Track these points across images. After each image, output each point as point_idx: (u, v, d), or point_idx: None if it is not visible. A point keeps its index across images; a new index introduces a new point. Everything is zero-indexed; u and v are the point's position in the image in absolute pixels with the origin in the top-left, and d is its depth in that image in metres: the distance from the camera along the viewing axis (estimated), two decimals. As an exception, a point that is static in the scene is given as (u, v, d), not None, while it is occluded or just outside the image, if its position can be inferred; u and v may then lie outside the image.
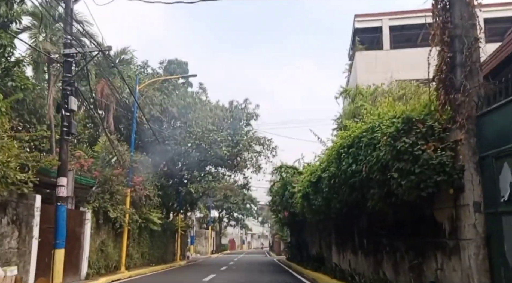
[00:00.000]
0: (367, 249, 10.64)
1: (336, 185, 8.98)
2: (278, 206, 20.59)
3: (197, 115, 21.17)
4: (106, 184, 15.72)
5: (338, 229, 13.93)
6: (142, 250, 20.81)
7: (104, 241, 15.88)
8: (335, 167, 8.74)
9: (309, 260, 18.86)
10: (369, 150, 7.22)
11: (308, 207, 13.17)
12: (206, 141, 22.85)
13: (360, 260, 11.26)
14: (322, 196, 10.89)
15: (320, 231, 17.44)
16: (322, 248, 17.34)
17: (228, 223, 62.19)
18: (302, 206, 14.56)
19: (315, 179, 11.12)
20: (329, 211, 11.08)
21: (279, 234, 46.17)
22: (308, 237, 21.10)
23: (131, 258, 18.83)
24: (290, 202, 17.93)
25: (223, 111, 24.36)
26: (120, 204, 16.31)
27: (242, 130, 24.41)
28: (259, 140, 25.60)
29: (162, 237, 25.21)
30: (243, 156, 25.53)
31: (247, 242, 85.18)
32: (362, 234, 11.08)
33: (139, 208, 19.24)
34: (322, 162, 9.93)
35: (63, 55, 11.06)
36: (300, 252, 22.54)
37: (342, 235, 13.42)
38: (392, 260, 8.87)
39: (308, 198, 12.67)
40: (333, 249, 15.08)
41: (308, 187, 12.08)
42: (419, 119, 6.21)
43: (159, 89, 21.51)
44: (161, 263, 24.40)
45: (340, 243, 13.94)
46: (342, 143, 8.49)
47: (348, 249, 12.65)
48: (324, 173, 9.60)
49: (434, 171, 5.97)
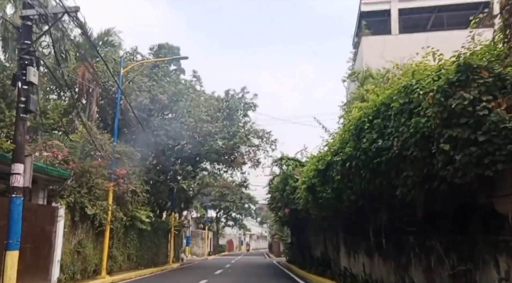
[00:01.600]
0: (387, 251, 8.80)
1: (352, 171, 7.14)
2: (278, 203, 18.71)
3: (189, 103, 19.30)
4: (84, 177, 13.86)
5: (348, 227, 12.08)
6: (128, 252, 18.93)
7: (82, 241, 14.01)
8: (352, 146, 6.89)
9: (312, 262, 17.00)
10: (403, 118, 5.39)
11: (314, 201, 11.33)
12: (199, 133, 21.01)
13: (378, 264, 9.42)
14: (331, 187, 9.06)
15: (325, 230, 15.59)
16: (327, 249, 15.50)
17: (226, 223, 60.22)
18: (306, 201, 12.72)
19: (324, 167, 9.30)
20: (340, 205, 9.26)
21: (278, 234, 44.28)
22: (311, 237, 19.25)
23: (115, 260, 16.95)
24: (292, 198, 16.09)
25: (219, 101, 22.51)
26: (100, 200, 14.45)
27: (239, 121, 22.56)
28: (257, 133, 23.77)
29: (153, 237, 23.32)
30: (240, 150, 23.70)
31: (245, 243, 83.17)
32: (379, 232, 9.24)
33: (124, 204, 17.40)
34: (333, 144, 8.11)
35: (20, 18, 9.23)
36: (302, 253, 20.69)
37: (354, 234, 11.57)
38: (424, 265, 7.03)
39: (313, 190, 10.83)
40: (341, 251, 13.24)
41: (314, 178, 10.24)
42: (483, 65, 4.37)
43: (148, 75, 19.66)
44: (151, 266, 22.52)
45: (350, 244, 12.10)
46: (362, 115, 6.63)
47: (361, 250, 10.80)
48: (336, 156, 7.75)
49: (506, 139, 4.14)
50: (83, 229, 14.10)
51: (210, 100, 22.34)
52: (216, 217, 55.76)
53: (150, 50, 21.64)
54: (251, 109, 22.90)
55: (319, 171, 9.79)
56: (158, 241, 24.58)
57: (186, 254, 40.72)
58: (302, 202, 13.70)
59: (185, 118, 19.29)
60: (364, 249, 10.57)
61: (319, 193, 10.33)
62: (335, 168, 8.13)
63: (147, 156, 18.74)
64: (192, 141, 21.28)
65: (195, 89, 22.66)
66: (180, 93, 18.96)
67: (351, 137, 6.89)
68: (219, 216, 56.56)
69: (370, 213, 9.66)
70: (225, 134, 21.30)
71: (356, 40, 24.20)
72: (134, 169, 17.32)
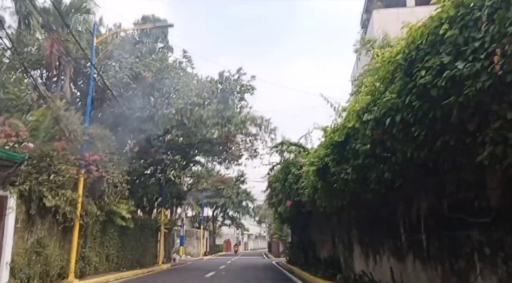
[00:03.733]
0: (429, 251, 6.41)
1: (393, 132, 4.73)
2: (278, 196, 16.28)
3: (177, 81, 16.87)
4: (43, 161, 11.45)
5: (365, 221, 9.69)
6: (107, 252, 16.52)
7: (42, 240, 11.61)
8: (397, 90, 4.43)
9: (317, 264, 14.60)
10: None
11: (324, 188, 8.95)
12: (189, 118, 18.58)
13: (413, 269, 7.02)
14: (353, 165, 6.69)
15: (334, 226, 13.22)
16: (337, 248, 13.11)
17: (223, 222, 57.75)
18: (313, 190, 10.34)
19: (342, 138, 6.92)
20: (364, 189, 6.89)
21: (277, 233, 41.90)
22: (315, 235, 16.86)
23: (88, 262, 14.54)
24: (294, 188, 13.72)
25: (212, 83, 20.08)
26: (64, 188, 12.04)
27: (235, 105, 20.14)
28: (255, 120, 21.33)
29: (138, 236, 20.94)
30: (236, 139, 21.28)
31: (243, 242, 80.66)
32: (417, 226, 6.85)
33: (101, 197, 15.01)
34: (360, 101, 5.71)
35: None
36: (305, 253, 18.29)
37: (374, 230, 9.17)
38: (500, 273, 4.65)
39: (325, 173, 8.44)
40: (355, 251, 10.85)
41: (328, 155, 7.83)
42: None
43: (130, 51, 17.22)
44: (136, 267, 20.13)
45: (368, 242, 9.71)
46: (417, 35, 4.10)
47: (386, 250, 8.41)
48: (365, 115, 5.32)
49: None
50: (43, 225, 11.70)
51: (201, 81, 19.94)
52: (213, 215, 53.32)
53: (134, 25, 19.20)
54: (248, 92, 20.46)
55: (334, 146, 7.39)
56: (145, 240, 22.17)
57: (180, 254, 38.33)
58: (307, 192, 11.33)
59: (173, 98, 16.86)
60: (390, 249, 8.18)
61: (333, 176, 7.94)
62: (362, 134, 5.73)
63: (126, 142, 16.33)
64: (181, 127, 18.86)
65: (186, 71, 20.21)
66: (166, 70, 16.52)
67: (397, 75, 4.42)
68: (216, 214, 54.13)
69: (401, 202, 7.28)
70: (219, 119, 18.86)
71: (365, 17, 21.82)
72: (111, 156, 14.91)
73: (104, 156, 14.18)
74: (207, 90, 19.69)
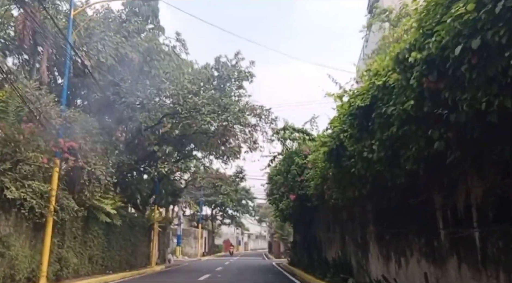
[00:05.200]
0: (486, 253, 4.76)
1: (468, 66, 3.07)
2: (280, 189, 14.61)
3: (167, 63, 15.22)
4: (7, 147, 9.83)
5: (385, 214, 8.03)
6: (90, 253, 14.88)
7: (5, 238, 9.96)
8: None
9: (324, 266, 12.96)
10: None
11: (338, 175, 7.32)
12: (183, 106, 16.96)
13: (458, 277, 5.37)
14: (382, 138, 5.03)
15: (344, 222, 11.56)
16: (347, 248, 11.45)
17: (222, 221, 56.02)
18: (322, 179, 8.71)
19: (366, 103, 5.26)
20: (396, 171, 5.24)
21: (278, 233, 40.26)
22: (321, 233, 15.21)
23: (65, 264, 12.88)
24: (298, 180, 12.09)
25: (207, 69, 18.44)
26: (32, 180, 10.40)
27: (232, 92, 18.50)
28: (254, 110, 19.67)
29: (128, 235, 19.30)
30: (234, 130, 19.64)
31: (243, 243, 78.94)
32: (463, 218, 5.21)
33: (82, 191, 13.40)
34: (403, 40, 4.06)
35: None
36: (309, 254, 16.65)
37: (397, 225, 7.52)
38: None
39: (339, 156, 6.80)
40: (372, 251, 9.20)
41: (345, 131, 6.18)
42: None
43: (116, 30, 15.58)
44: (125, 269, 18.50)
45: (390, 241, 8.05)
46: None
47: (415, 251, 6.76)
48: (416, 53, 3.62)
49: None
50: (7, 220, 10.06)
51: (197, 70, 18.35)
52: (212, 214, 51.63)
53: (122, 5, 17.59)
54: (246, 79, 18.81)
55: (354, 117, 5.72)
56: (135, 239, 20.53)
57: (177, 254, 36.68)
58: (314, 183, 9.69)
59: (164, 83, 15.22)
60: (421, 249, 6.53)
61: (350, 158, 6.31)
62: (401, 88, 4.08)
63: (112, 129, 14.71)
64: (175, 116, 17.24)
65: (179, 56, 18.56)
66: (155, 51, 14.88)
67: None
68: (215, 213, 52.43)
69: (442, 186, 5.65)
70: (215, 107, 17.22)
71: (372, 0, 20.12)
72: (93, 145, 13.28)
73: (84, 144, 12.56)
74: (202, 76, 18.06)
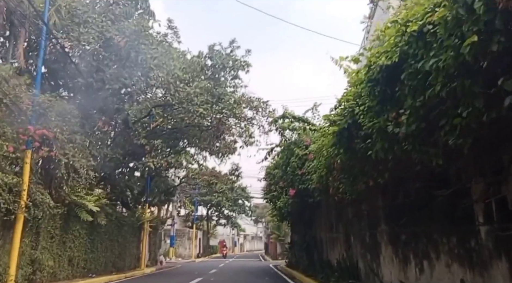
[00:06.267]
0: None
1: None
2: (278, 185, 13.40)
3: (155, 48, 13.99)
4: (-34, 133, 8.60)
5: (402, 209, 6.84)
6: (70, 254, 13.63)
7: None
8: None
9: (326, 269, 11.76)
10: None
11: (348, 161, 6.12)
12: (174, 96, 15.75)
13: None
14: (415, 105, 3.84)
15: (349, 220, 10.36)
16: (353, 250, 10.24)
17: (218, 221, 54.69)
18: (327, 170, 7.51)
19: (395, 60, 4.06)
20: (429, 151, 4.05)
21: (275, 233, 39.03)
22: (322, 233, 14.01)
23: (40, 267, 11.62)
24: (299, 174, 10.88)
25: (200, 57, 17.23)
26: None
27: (227, 82, 17.31)
28: (251, 102, 18.48)
29: (115, 235, 18.05)
30: (229, 122, 18.45)
31: (239, 244, 77.57)
32: None
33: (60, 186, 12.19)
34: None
35: None
36: (309, 256, 15.45)
37: (418, 223, 6.33)
38: None
39: (351, 136, 5.62)
40: (384, 253, 8.01)
41: (361, 105, 4.99)
42: None
43: (102, 13, 14.35)
44: (112, 272, 17.27)
45: (408, 241, 6.85)
46: None
47: (444, 253, 5.57)
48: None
49: None
50: (-33, 217, 8.84)
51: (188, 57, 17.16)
52: (207, 214, 50.31)
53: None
54: (242, 68, 17.60)
55: (375, 83, 4.52)
56: (124, 240, 19.27)
57: (170, 256, 35.41)
58: (318, 175, 8.50)
59: (153, 70, 13.98)
60: (454, 251, 5.35)
61: (366, 139, 5.11)
62: (455, 20, 2.90)
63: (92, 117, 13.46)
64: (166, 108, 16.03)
65: (170, 45, 17.32)
66: (143, 35, 13.64)
67: None
68: (211, 213, 51.11)
69: (486, 177, 4.47)
70: (208, 97, 16.01)
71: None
72: (72, 135, 12.03)
73: (61, 133, 11.32)
74: (195, 65, 16.86)
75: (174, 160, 16.21)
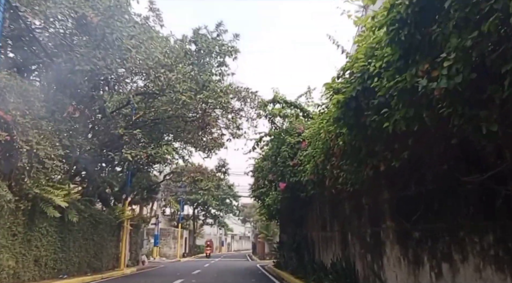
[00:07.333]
0: None
1: None
2: (267, 178, 12.21)
3: (132, 25, 12.71)
4: None
5: (412, 206, 5.71)
6: (36, 254, 12.32)
7: None
8: None
9: (318, 272, 10.64)
10: None
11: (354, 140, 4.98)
12: (154, 82, 14.49)
13: None
14: (466, 47, 2.67)
15: (346, 217, 9.23)
16: (350, 251, 9.11)
17: (205, 221, 53.34)
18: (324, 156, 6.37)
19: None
20: (479, 114, 2.89)
21: (263, 233, 37.93)
22: (314, 232, 12.88)
23: None
24: (290, 164, 9.73)
25: (184, 41, 15.98)
26: None
27: (213, 68, 16.09)
28: (238, 93, 17.28)
29: (91, 233, 16.73)
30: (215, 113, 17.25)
31: (226, 243, 76.23)
32: None
33: (21, 178, 10.86)
34: None
35: None
36: (299, 256, 14.33)
37: (435, 218, 5.21)
38: None
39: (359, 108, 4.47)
40: (389, 254, 6.88)
41: (379, 60, 3.85)
42: None
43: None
44: (86, 272, 15.97)
45: (422, 239, 5.73)
46: None
47: (474, 254, 4.45)
48: None
49: None
50: None
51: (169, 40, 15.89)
52: (193, 213, 48.93)
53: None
54: (229, 55, 16.39)
55: (402, 24, 3.38)
56: (100, 238, 17.94)
57: (154, 255, 34.03)
58: (314, 161, 7.35)
59: (129, 52, 12.69)
60: (489, 253, 4.23)
61: (378, 111, 3.98)
62: None
63: (59, 101, 12.12)
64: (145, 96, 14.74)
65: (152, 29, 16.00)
66: (118, 11, 12.33)
67: None
68: (197, 212, 49.74)
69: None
70: (192, 84, 14.77)
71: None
72: (37, 121, 10.71)
73: (22, 117, 10.00)
74: (178, 50, 15.61)
75: (154, 152, 14.91)
